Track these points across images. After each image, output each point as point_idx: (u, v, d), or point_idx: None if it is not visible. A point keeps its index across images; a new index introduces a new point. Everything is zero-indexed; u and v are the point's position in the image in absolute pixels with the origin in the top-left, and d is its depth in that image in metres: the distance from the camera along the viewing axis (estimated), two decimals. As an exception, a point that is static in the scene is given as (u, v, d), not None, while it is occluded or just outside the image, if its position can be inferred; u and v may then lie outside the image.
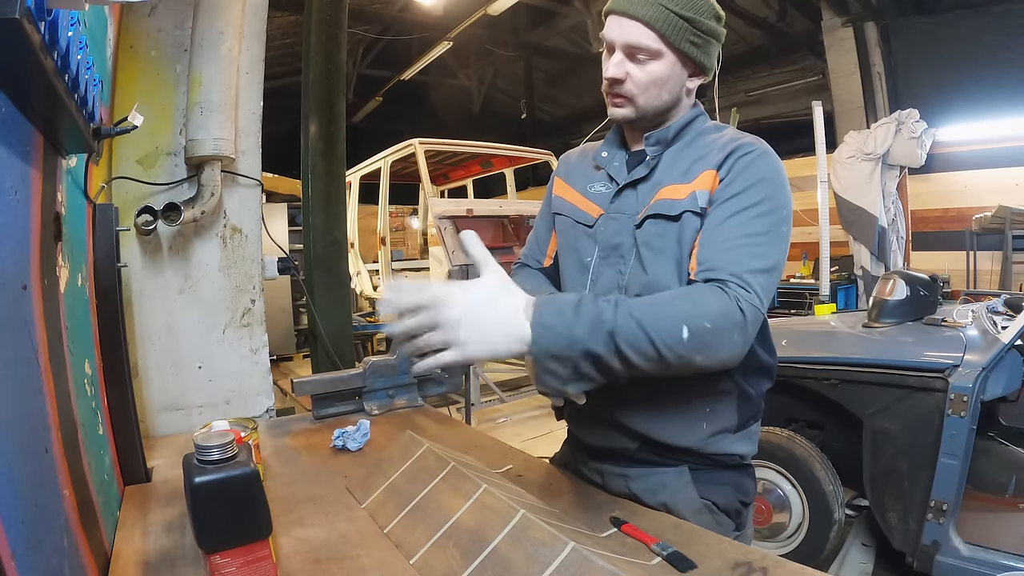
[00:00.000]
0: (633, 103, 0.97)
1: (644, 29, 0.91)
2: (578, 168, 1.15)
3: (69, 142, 0.83)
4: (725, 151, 0.93)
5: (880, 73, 6.15)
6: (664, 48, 0.93)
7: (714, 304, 0.80)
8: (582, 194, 1.09)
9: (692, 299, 0.80)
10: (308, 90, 2.46)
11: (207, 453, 0.70)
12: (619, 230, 1.00)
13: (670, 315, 0.77)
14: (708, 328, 0.77)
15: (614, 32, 0.94)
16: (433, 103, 10.90)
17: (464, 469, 0.91)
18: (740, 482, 1.01)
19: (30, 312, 0.64)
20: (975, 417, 1.84)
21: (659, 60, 0.94)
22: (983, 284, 5.36)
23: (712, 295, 0.81)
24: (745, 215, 0.87)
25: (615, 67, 0.95)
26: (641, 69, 0.94)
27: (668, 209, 0.94)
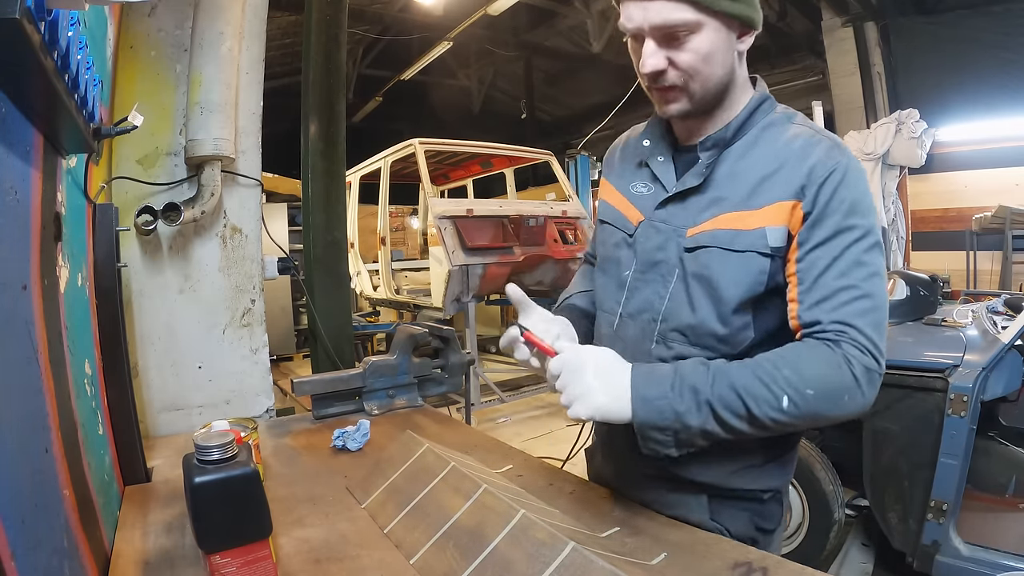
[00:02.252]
0: (686, 92, 0.83)
1: (673, 3, 0.76)
2: (621, 163, 1.02)
3: (69, 142, 0.83)
4: (803, 172, 0.79)
5: (880, 73, 6.15)
6: (701, 16, 0.77)
7: (819, 368, 0.74)
8: (624, 195, 0.97)
9: (795, 364, 0.74)
10: (308, 90, 2.46)
11: (207, 453, 0.70)
12: (662, 244, 0.89)
13: (770, 383, 0.73)
14: (811, 395, 0.73)
15: (638, 17, 0.79)
16: (433, 103, 10.90)
17: (464, 469, 0.91)
18: (762, 510, 0.92)
19: (30, 312, 0.64)
20: (975, 417, 1.84)
21: (700, 32, 0.78)
22: (983, 284, 5.36)
23: (817, 358, 0.74)
24: (847, 257, 0.77)
25: (652, 57, 0.80)
26: (683, 50, 0.79)
27: (729, 242, 0.82)
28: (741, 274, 0.82)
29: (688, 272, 0.86)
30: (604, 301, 0.99)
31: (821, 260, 0.77)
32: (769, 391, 0.73)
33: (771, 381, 0.73)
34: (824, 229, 0.78)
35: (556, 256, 4.66)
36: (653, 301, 0.90)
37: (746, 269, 0.82)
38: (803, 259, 0.79)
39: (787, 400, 0.72)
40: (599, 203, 1.06)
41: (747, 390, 0.73)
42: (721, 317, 0.84)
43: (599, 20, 8.11)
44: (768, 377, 0.74)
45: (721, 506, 0.91)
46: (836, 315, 0.76)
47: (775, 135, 0.85)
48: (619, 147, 1.06)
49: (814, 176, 0.79)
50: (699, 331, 0.85)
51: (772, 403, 0.73)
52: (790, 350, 0.77)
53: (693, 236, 0.85)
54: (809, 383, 0.73)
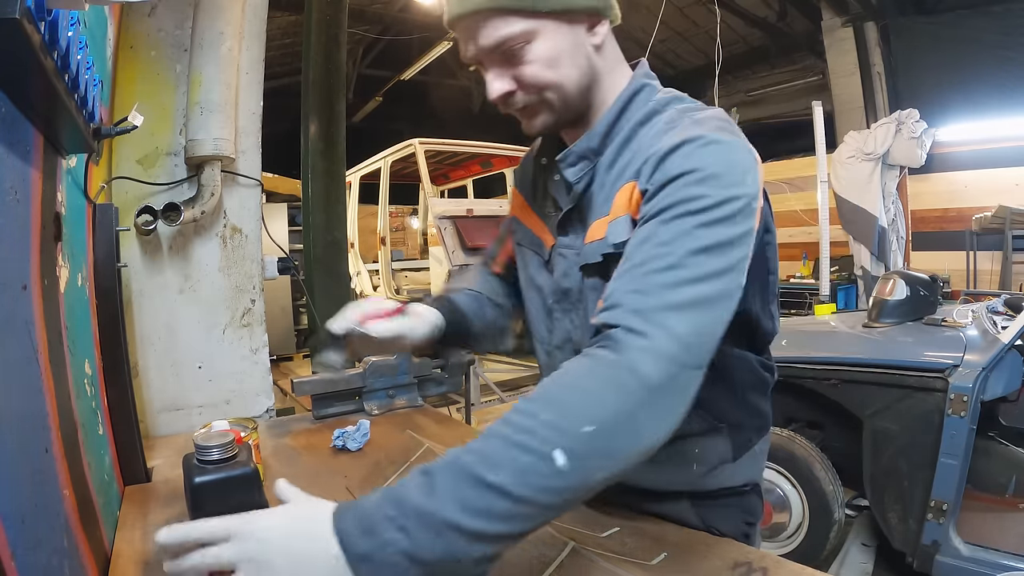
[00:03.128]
0: (545, 105, 0.75)
1: (493, 19, 0.69)
2: (531, 176, 0.93)
3: (69, 142, 0.83)
4: (649, 150, 0.68)
5: (880, 73, 6.15)
6: (531, 23, 0.69)
7: (595, 393, 0.54)
8: (538, 215, 0.89)
9: (557, 401, 0.54)
10: (308, 90, 2.47)
11: (207, 453, 0.70)
12: (567, 271, 0.81)
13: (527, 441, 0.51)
14: (590, 432, 0.51)
15: (470, 46, 0.73)
16: (433, 103, 10.89)
17: None
18: (745, 504, 0.89)
19: (30, 312, 0.64)
20: (975, 417, 1.84)
21: (536, 40, 0.70)
22: (983, 284, 5.36)
23: (591, 379, 0.55)
24: (673, 228, 0.61)
25: (497, 82, 0.73)
26: (524, 63, 0.71)
27: (592, 256, 0.74)
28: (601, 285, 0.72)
29: (585, 297, 0.79)
30: (536, 329, 0.92)
31: (640, 234, 0.63)
32: (528, 453, 0.50)
33: (528, 437, 0.51)
34: (656, 202, 0.64)
35: (556, 256, 4.66)
36: (571, 332, 0.83)
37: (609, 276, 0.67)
38: (631, 239, 0.66)
39: (561, 454, 0.50)
40: (511, 220, 0.97)
41: (492, 466, 0.50)
42: None
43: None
44: (521, 433, 0.52)
45: (708, 509, 0.88)
46: (632, 303, 0.58)
47: (649, 129, 0.74)
48: (531, 153, 0.95)
49: (656, 151, 0.66)
50: None
51: (540, 469, 0.50)
52: (550, 382, 0.57)
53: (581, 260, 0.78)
54: (583, 417, 0.52)
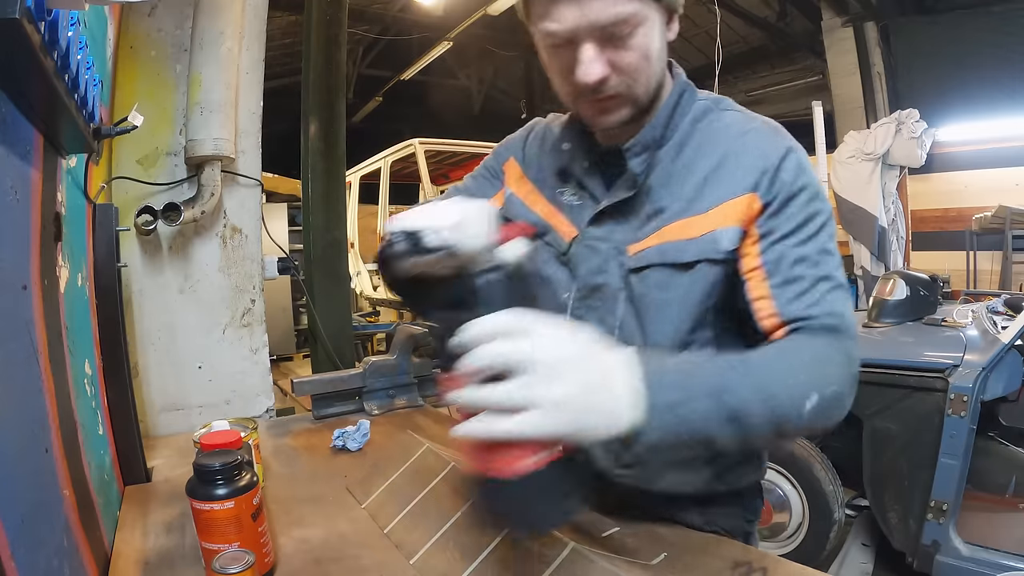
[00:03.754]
0: (630, 98, 0.72)
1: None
2: (539, 160, 0.88)
3: (69, 142, 0.83)
4: (754, 162, 0.71)
5: (880, 73, 6.15)
6: (640, 4, 0.66)
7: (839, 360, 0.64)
8: (551, 202, 0.85)
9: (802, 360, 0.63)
10: (308, 90, 2.46)
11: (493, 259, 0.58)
12: (602, 266, 0.78)
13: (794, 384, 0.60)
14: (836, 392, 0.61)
15: (571, 18, 0.65)
16: (433, 103, 10.89)
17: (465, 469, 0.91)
18: (747, 504, 0.89)
19: (30, 312, 0.64)
20: (975, 417, 1.84)
21: (644, 25, 0.67)
22: (983, 284, 5.36)
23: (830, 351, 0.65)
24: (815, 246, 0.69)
25: (595, 63, 0.67)
26: (626, 50, 0.67)
27: (677, 255, 0.73)
28: (693, 291, 0.73)
29: (636, 296, 0.76)
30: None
31: (791, 251, 0.69)
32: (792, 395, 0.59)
33: (794, 381, 0.60)
34: (788, 219, 0.69)
35: (556, 256, 4.66)
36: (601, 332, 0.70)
37: (698, 284, 0.73)
38: (767, 251, 0.69)
39: (815, 397, 0.59)
40: (509, 197, 0.89)
41: (771, 393, 0.58)
42: (678, 341, 0.75)
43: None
44: (792, 376, 0.60)
45: (712, 509, 0.87)
46: (816, 306, 0.67)
47: (707, 126, 0.77)
48: (538, 133, 0.91)
49: (768, 164, 0.70)
50: None
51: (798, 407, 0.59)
52: (789, 346, 0.65)
53: (637, 254, 0.76)
54: (835, 380, 0.62)
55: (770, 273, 0.69)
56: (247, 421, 1.04)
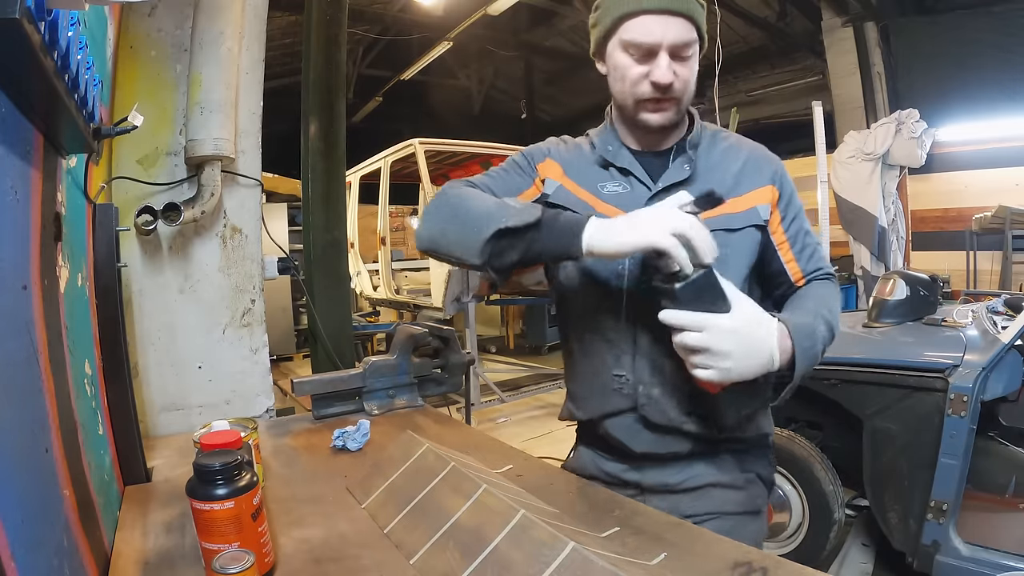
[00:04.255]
0: (678, 104, 0.96)
1: (687, 24, 0.89)
2: (577, 162, 1.07)
3: (69, 142, 0.83)
4: (767, 165, 1.02)
5: (880, 73, 6.15)
6: (696, 38, 0.92)
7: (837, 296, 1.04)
8: (593, 194, 1.03)
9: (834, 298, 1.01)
10: (308, 90, 2.47)
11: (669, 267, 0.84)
12: None
13: (831, 323, 0.95)
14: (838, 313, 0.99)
15: (657, 33, 0.89)
16: (433, 103, 10.89)
17: (464, 469, 0.91)
18: (769, 454, 1.11)
19: (30, 312, 0.64)
20: (975, 417, 1.84)
21: (696, 53, 0.93)
22: (983, 284, 5.37)
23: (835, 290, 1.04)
24: (807, 223, 1.05)
25: (668, 71, 0.90)
26: (685, 66, 0.93)
27: (730, 223, 0.97)
28: (745, 247, 0.99)
29: None
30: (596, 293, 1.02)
31: (800, 227, 1.04)
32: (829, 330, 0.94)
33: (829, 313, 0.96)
34: (793, 206, 1.03)
35: (556, 256, 4.65)
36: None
37: (748, 242, 1.00)
38: (789, 228, 1.03)
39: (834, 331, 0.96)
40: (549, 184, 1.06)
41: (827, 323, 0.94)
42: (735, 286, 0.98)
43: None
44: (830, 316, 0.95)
45: (745, 456, 1.05)
46: (820, 263, 1.05)
47: (719, 142, 1.04)
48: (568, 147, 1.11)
49: (776, 168, 1.03)
50: None
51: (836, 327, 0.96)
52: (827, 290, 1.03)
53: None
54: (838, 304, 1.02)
55: (792, 243, 1.03)
56: (247, 421, 1.04)
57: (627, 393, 1.02)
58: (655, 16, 0.88)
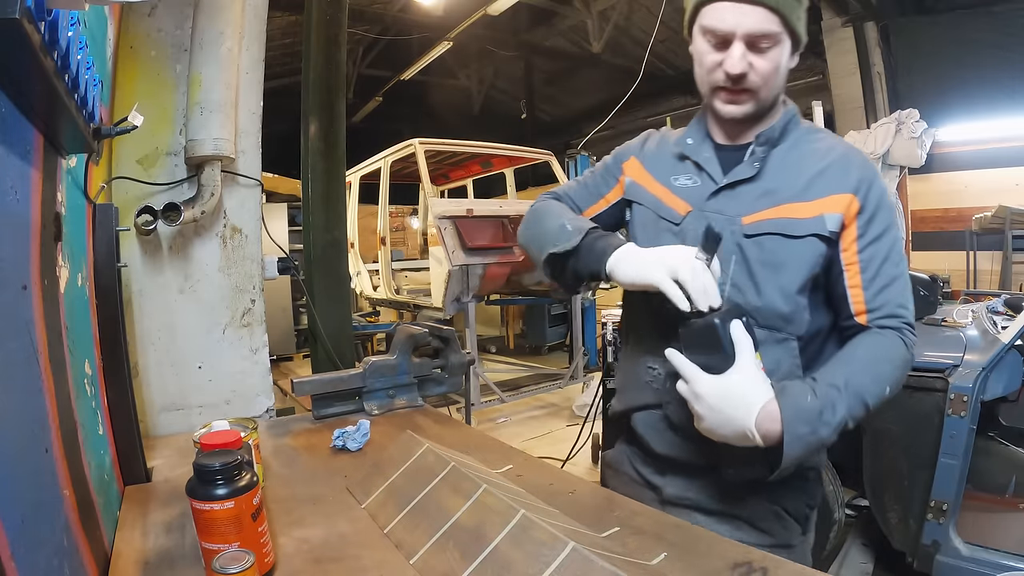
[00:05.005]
0: (756, 97, 0.91)
1: (768, 14, 0.85)
2: (657, 156, 1.07)
3: (69, 142, 0.83)
4: (854, 172, 0.92)
5: (880, 73, 6.14)
6: (782, 30, 0.87)
7: (903, 358, 0.90)
8: (666, 186, 1.03)
9: (892, 361, 0.89)
10: (308, 90, 2.46)
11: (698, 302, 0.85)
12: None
13: (879, 381, 0.86)
14: (898, 380, 0.88)
15: (730, 21, 0.86)
16: (433, 103, 10.88)
17: (464, 469, 0.91)
18: (809, 488, 1.01)
19: (30, 312, 0.64)
20: (975, 417, 1.84)
21: (778, 45, 0.88)
22: (983, 284, 5.36)
23: (900, 350, 0.90)
24: (895, 252, 0.93)
25: (740, 61, 0.87)
26: (764, 58, 0.88)
27: (791, 228, 0.91)
28: (804, 257, 0.91)
29: (750, 258, 0.93)
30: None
31: (879, 252, 0.91)
32: (879, 384, 0.86)
33: (878, 375, 0.87)
34: (877, 225, 0.92)
35: (556, 256, 4.66)
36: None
37: (808, 252, 0.91)
38: (864, 250, 0.91)
39: (889, 389, 0.86)
40: (629, 184, 1.08)
41: (867, 391, 0.84)
42: (786, 298, 0.92)
43: (599, 20, 8.11)
44: (876, 373, 0.87)
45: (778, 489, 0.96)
46: (898, 308, 0.91)
47: (810, 141, 0.97)
48: (655, 141, 1.10)
49: (864, 178, 0.92)
50: (766, 313, 0.93)
51: (880, 394, 0.86)
52: (883, 346, 0.90)
53: (752, 223, 0.93)
54: (897, 368, 0.89)
55: (863, 268, 0.91)
56: (247, 421, 1.04)
57: (656, 388, 1.01)
58: (732, 3, 0.85)
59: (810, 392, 0.82)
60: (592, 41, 8.24)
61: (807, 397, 0.82)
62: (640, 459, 1.09)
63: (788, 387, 0.83)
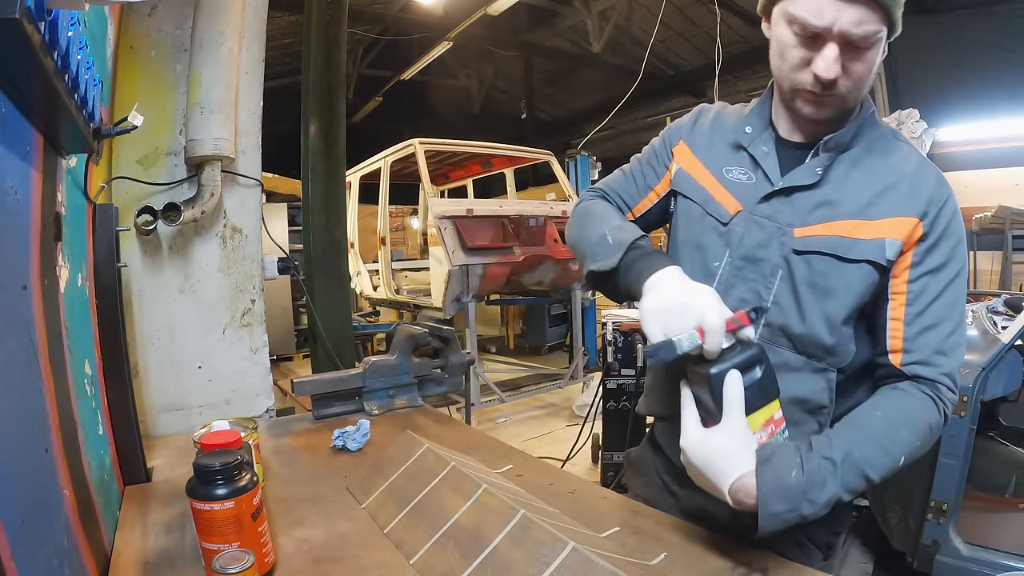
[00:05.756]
0: (844, 101, 0.80)
1: (873, 10, 0.72)
2: (710, 140, 0.95)
3: (69, 142, 0.83)
4: (924, 193, 0.80)
5: (880, 73, 6.14)
6: (884, 28, 0.75)
7: (929, 423, 0.78)
8: (717, 178, 0.92)
9: (915, 427, 0.77)
10: (308, 90, 2.47)
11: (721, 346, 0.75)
12: (764, 241, 0.85)
13: (892, 452, 0.75)
14: (919, 446, 0.77)
15: (829, 16, 0.72)
16: (433, 103, 10.89)
17: (464, 469, 0.91)
18: (838, 516, 0.87)
19: (30, 312, 0.64)
20: (975, 417, 1.84)
21: (878, 44, 0.76)
22: (983, 284, 5.36)
23: (929, 414, 0.78)
24: (952, 291, 0.81)
25: (834, 65, 0.74)
26: (860, 60, 0.76)
27: (846, 250, 0.81)
28: (854, 284, 0.81)
29: (796, 277, 0.84)
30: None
31: (932, 287, 0.80)
32: (889, 456, 0.75)
33: (891, 445, 0.75)
34: (938, 256, 0.80)
35: (556, 256, 4.66)
36: (750, 302, 0.86)
37: (859, 279, 0.81)
38: (916, 280, 0.81)
39: (903, 459, 0.75)
40: (677, 172, 0.97)
41: (871, 464, 0.74)
42: (831, 328, 0.83)
43: (599, 20, 8.11)
44: (889, 442, 0.75)
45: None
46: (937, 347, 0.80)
47: (885, 148, 0.85)
48: (708, 121, 0.98)
49: (935, 200, 0.80)
50: (807, 340, 0.84)
51: (891, 465, 0.75)
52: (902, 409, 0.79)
53: (804, 238, 0.83)
54: (919, 436, 0.77)
55: (910, 301, 0.81)
56: (247, 421, 1.04)
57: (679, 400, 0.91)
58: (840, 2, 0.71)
59: (797, 467, 0.71)
60: (592, 41, 8.24)
61: (792, 472, 0.71)
62: (663, 466, 1.04)
63: (775, 456, 0.73)
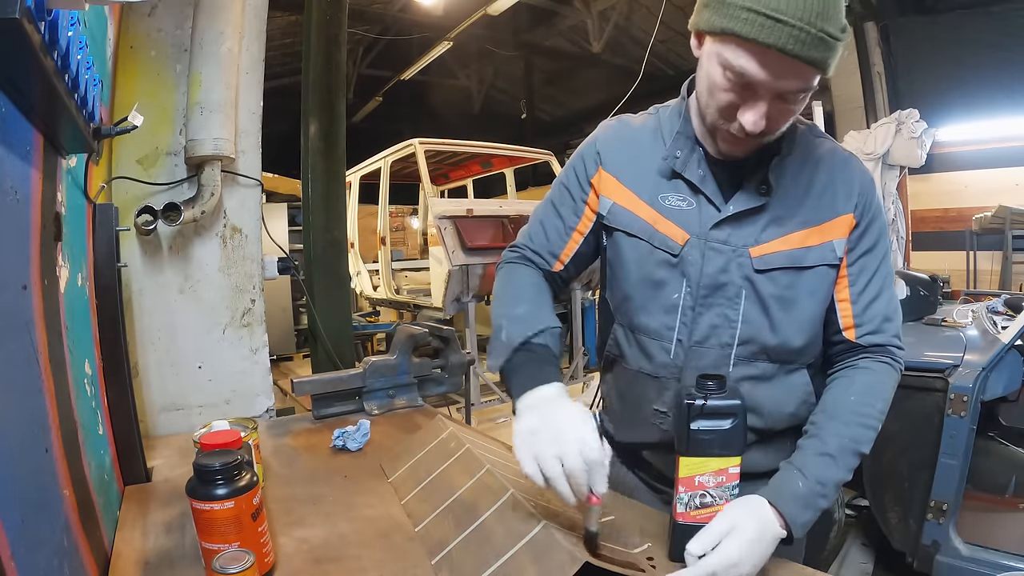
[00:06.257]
0: (759, 142, 0.80)
1: (811, 70, 0.70)
2: (635, 167, 0.92)
3: (69, 142, 0.83)
4: (854, 186, 0.85)
5: (880, 73, 6.14)
6: (816, 79, 0.73)
7: (893, 384, 0.87)
8: (655, 208, 0.89)
9: (883, 395, 0.85)
10: (308, 90, 2.46)
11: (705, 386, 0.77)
12: (725, 266, 0.85)
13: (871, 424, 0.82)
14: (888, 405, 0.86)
15: (766, 73, 0.70)
16: (433, 103, 10.89)
17: (476, 451, 0.98)
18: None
19: (30, 312, 0.64)
20: (975, 417, 1.84)
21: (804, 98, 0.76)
22: (983, 284, 5.36)
23: (891, 377, 0.87)
24: (884, 264, 0.88)
25: (761, 120, 0.74)
26: (788, 109, 0.76)
27: (801, 260, 0.84)
28: (816, 287, 0.86)
29: (763, 293, 0.85)
30: (647, 325, 0.91)
31: (870, 264, 0.87)
32: (872, 429, 0.82)
33: (870, 419, 0.83)
34: (870, 238, 0.87)
35: (556, 256, 4.66)
36: (722, 327, 0.87)
37: (819, 281, 0.86)
38: (854, 263, 0.87)
39: (880, 423, 0.83)
40: (603, 202, 0.93)
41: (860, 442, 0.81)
42: (801, 332, 0.88)
43: (599, 20, 8.11)
44: (868, 418, 0.82)
45: None
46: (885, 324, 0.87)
47: (808, 147, 0.88)
48: (617, 140, 0.95)
49: (863, 191, 0.86)
50: (781, 350, 0.88)
51: (875, 435, 0.82)
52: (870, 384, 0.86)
53: (762, 257, 0.84)
54: (887, 399, 0.86)
55: (853, 282, 0.87)
56: (247, 421, 1.04)
57: (665, 428, 0.92)
58: (772, 53, 0.68)
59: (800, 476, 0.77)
60: (592, 41, 8.24)
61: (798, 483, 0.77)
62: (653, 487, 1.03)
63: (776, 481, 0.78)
